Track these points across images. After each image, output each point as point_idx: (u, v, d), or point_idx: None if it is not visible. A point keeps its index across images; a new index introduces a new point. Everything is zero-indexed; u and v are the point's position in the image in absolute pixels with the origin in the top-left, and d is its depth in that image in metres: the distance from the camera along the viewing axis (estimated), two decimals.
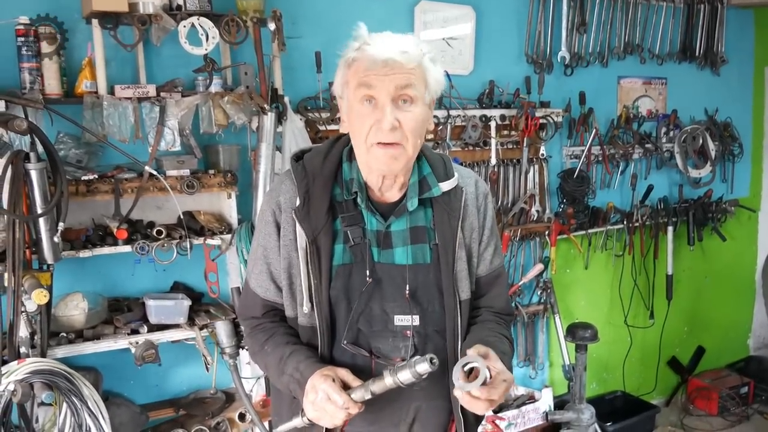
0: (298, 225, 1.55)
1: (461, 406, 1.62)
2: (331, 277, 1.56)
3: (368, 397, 1.42)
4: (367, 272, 1.56)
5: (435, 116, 3.17)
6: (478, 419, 1.71)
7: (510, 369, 1.55)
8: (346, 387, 1.44)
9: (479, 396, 1.39)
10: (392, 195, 1.60)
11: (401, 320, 1.58)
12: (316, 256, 1.54)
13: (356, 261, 1.57)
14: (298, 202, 1.56)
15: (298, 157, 1.64)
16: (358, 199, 1.57)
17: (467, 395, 1.40)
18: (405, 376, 1.40)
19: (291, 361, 1.53)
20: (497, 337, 1.61)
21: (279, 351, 1.58)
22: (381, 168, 1.52)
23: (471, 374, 1.41)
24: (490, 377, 1.40)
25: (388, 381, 1.41)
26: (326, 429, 1.54)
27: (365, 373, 1.53)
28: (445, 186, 1.60)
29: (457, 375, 1.40)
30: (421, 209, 1.60)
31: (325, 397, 1.41)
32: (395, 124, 1.45)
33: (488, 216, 1.69)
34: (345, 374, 1.46)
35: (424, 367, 1.38)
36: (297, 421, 1.52)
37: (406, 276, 1.57)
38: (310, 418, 1.47)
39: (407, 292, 1.57)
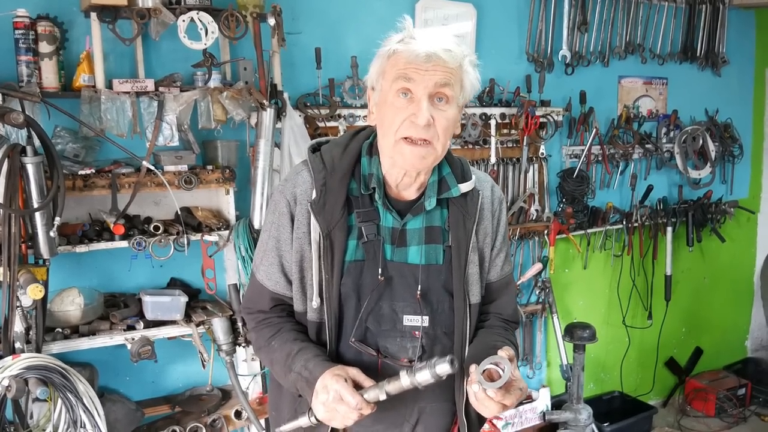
0: (312, 218, 1.53)
1: (465, 408, 1.61)
2: (342, 273, 1.54)
3: (383, 398, 1.39)
4: (379, 270, 1.54)
5: None
6: (481, 422, 1.70)
7: None
8: (357, 387, 1.41)
9: (493, 397, 1.38)
10: (409, 193, 1.59)
11: (410, 320, 1.57)
12: (329, 251, 1.52)
13: (368, 258, 1.55)
14: (314, 195, 1.53)
15: (315, 148, 1.62)
16: (376, 195, 1.54)
17: (483, 393, 1.38)
18: (424, 377, 1.37)
19: (299, 359, 1.50)
20: (505, 342, 1.59)
21: (286, 347, 1.54)
22: (406, 165, 1.50)
23: (483, 374, 1.40)
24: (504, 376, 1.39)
25: (405, 382, 1.38)
26: (331, 429, 1.52)
27: (371, 373, 1.52)
28: (464, 187, 1.59)
29: (480, 371, 1.39)
30: (437, 209, 1.59)
31: (338, 397, 1.38)
32: (430, 121, 1.43)
33: (502, 222, 1.68)
34: (356, 374, 1.43)
35: (444, 368, 1.35)
36: (303, 420, 1.49)
37: (419, 276, 1.56)
38: (321, 419, 1.43)
39: (418, 292, 1.55)
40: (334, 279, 1.53)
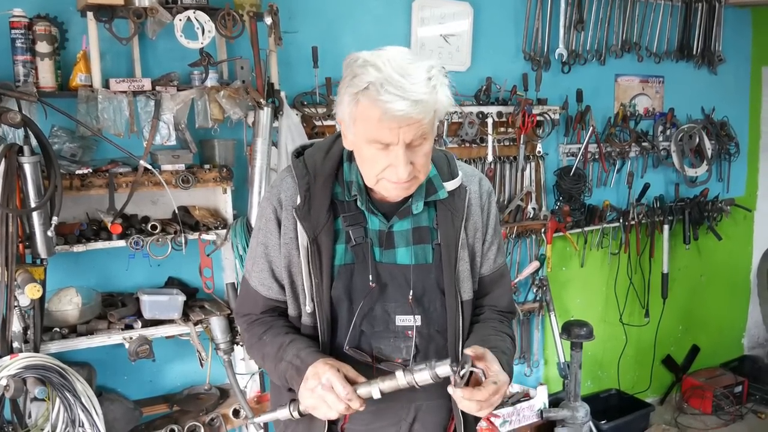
0: (299, 224, 1.53)
1: None
2: (333, 277, 1.54)
3: (376, 395, 1.39)
4: (370, 277, 1.53)
5: None
6: (477, 418, 1.70)
7: (510, 367, 1.54)
8: (350, 383, 1.41)
9: (461, 397, 1.38)
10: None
11: (403, 320, 1.56)
12: (317, 256, 1.52)
13: (358, 261, 1.55)
14: (298, 201, 1.53)
15: (299, 152, 1.61)
16: (358, 202, 1.54)
17: (456, 393, 1.39)
18: (423, 377, 1.37)
19: (291, 348, 1.50)
20: (500, 335, 1.60)
21: (279, 339, 1.55)
22: (390, 197, 1.50)
23: (471, 377, 1.40)
24: (485, 377, 1.40)
25: (401, 381, 1.38)
26: (329, 423, 1.52)
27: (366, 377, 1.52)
28: (450, 186, 1.58)
29: (459, 373, 1.39)
30: (425, 209, 1.58)
31: (328, 385, 1.37)
32: (410, 169, 1.41)
33: (492, 215, 1.66)
34: (349, 369, 1.43)
35: (444, 369, 1.36)
36: (282, 413, 1.48)
37: (410, 277, 1.55)
38: (305, 406, 1.43)
39: (410, 292, 1.55)
40: (324, 284, 1.52)
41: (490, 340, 1.55)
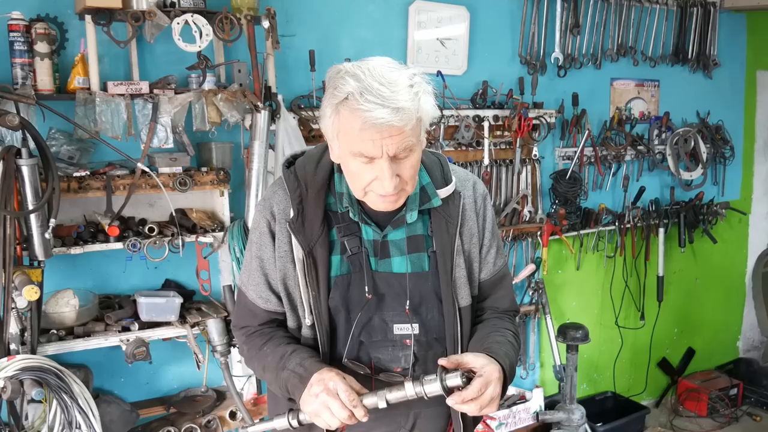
0: (293, 237, 1.52)
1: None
2: (330, 288, 1.53)
3: (382, 405, 1.38)
4: (366, 288, 1.53)
5: None
6: (476, 422, 1.70)
7: (511, 358, 1.52)
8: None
9: (454, 404, 1.39)
10: None
11: (401, 329, 1.56)
12: (313, 268, 1.52)
13: (354, 271, 1.54)
14: (292, 214, 1.52)
15: (290, 162, 1.60)
16: (351, 213, 1.53)
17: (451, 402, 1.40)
18: (433, 389, 1.38)
19: (295, 357, 1.50)
20: (500, 331, 1.59)
21: (280, 350, 1.54)
22: (378, 209, 1.50)
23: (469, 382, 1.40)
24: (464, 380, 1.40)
25: (409, 392, 1.38)
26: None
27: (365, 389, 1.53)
28: (444, 193, 1.57)
29: (445, 387, 1.40)
30: (419, 217, 1.57)
31: (334, 391, 1.37)
32: (396, 182, 1.41)
33: (488, 218, 1.65)
34: (354, 381, 1.43)
35: (455, 381, 1.36)
36: (280, 422, 1.47)
37: (406, 285, 1.54)
38: (307, 413, 1.42)
39: (407, 301, 1.54)
40: (321, 295, 1.52)
41: (489, 337, 1.55)
